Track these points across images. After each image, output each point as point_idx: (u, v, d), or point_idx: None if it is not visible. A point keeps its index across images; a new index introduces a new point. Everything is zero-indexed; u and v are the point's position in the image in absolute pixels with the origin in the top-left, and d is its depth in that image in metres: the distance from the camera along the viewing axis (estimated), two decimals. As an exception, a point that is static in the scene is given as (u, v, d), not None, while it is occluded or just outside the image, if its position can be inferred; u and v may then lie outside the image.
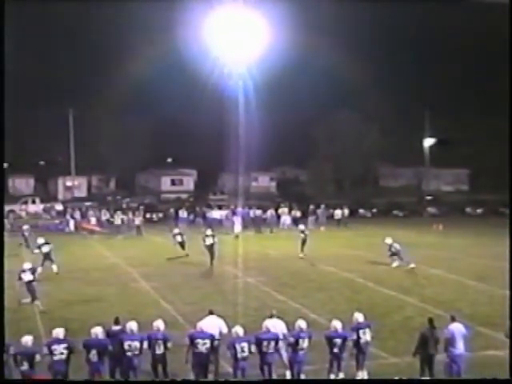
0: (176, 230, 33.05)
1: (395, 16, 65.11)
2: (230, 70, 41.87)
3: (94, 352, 13.48)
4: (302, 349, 13.94)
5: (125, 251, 34.50)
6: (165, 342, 13.97)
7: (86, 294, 23.99)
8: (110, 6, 60.58)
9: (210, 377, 14.34)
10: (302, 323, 14.22)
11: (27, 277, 21.72)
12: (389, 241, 29.81)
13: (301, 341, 13.92)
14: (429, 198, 65.42)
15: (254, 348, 13.74)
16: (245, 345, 13.64)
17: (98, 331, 13.82)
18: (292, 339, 14.02)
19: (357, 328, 14.40)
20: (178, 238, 32.18)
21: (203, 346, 13.91)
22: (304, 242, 32.52)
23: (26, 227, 35.58)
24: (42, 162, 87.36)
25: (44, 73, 70.89)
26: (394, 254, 29.35)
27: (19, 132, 70.04)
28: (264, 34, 41.38)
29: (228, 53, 41.44)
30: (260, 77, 45.09)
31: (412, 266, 28.46)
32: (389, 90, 71.73)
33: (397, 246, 29.40)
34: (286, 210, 48.90)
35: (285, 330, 14.61)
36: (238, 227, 41.17)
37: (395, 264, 29.23)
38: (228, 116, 47.08)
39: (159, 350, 13.93)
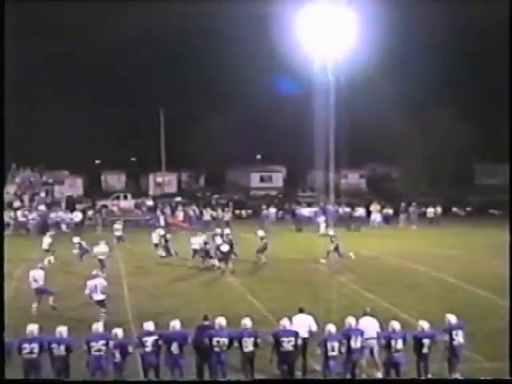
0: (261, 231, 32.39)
1: (488, 12, 63.11)
2: (321, 66, 41.45)
3: (175, 345, 13.66)
4: (397, 350, 13.53)
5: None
6: (254, 339, 13.87)
7: (175, 289, 24.25)
8: (200, 4, 61.00)
9: (298, 375, 14.19)
10: (395, 324, 13.83)
11: (225, 248, 27.18)
12: (331, 232, 29.87)
13: (393, 342, 13.52)
14: (529, 196, 62.55)
15: (344, 348, 13.50)
16: (336, 344, 13.43)
17: (176, 324, 13.97)
18: (383, 341, 13.67)
19: (449, 329, 13.89)
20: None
21: (288, 343, 13.72)
22: (265, 248, 29.95)
23: (160, 231, 32.83)
24: (133, 159, 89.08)
25: (136, 73, 72.18)
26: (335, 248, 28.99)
27: (111, 130, 71.70)
28: (355, 30, 40.81)
29: (318, 48, 41.05)
30: (350, 72, 44.46)
31: (351, 254, 28.95)
32: (487, 85, 69.69)
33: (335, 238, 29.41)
34: (377, 207, 48.02)
35: (378, 329, 14.33)
36: (323, 227, 40.54)
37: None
38: (318, 112, 46.55)
39: (247, 348, 13.82)
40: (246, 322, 14.05)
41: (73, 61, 71.17)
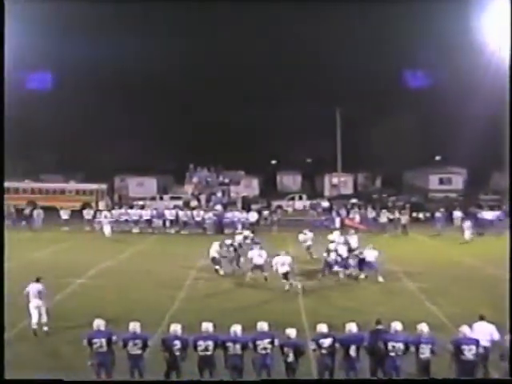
0: None
1: None
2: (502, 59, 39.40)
3: (353, 348, 13.49)
4: None
5: (390, 250, 33.75)
6: (431, 345, 13.39)
7: (349, 291, 24.02)
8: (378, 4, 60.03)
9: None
10: None
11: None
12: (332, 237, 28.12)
13: None
14: None
15: None
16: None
17: (352, 327, 13.83)
18: None
19: None
20: None
21: (469, 352, 13.13)
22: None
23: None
24: (309, 160, 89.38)
25: (313, 72, 72.34)
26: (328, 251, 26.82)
27: (287, 130, 72.29)
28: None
29: (498, 40, 39.10)
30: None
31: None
32: None
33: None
34: None
35: None
36: (468, 233, 38.17)
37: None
38: (502, 108, 44.25)
39: (424, 355, 13.35)
40: (423, 328, 13.51)
41: (252, 60, 72.55)
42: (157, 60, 66.35)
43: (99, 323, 14.10)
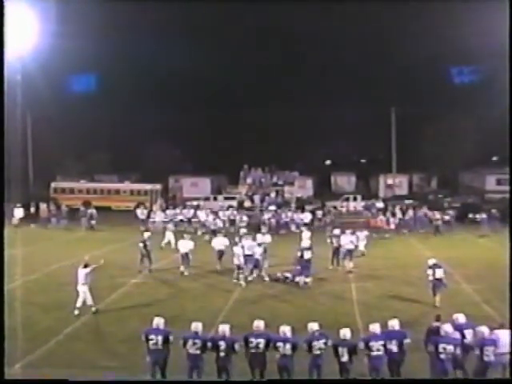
0: None
1: None
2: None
3: (394, 342, 13.62)
4: None
5: (445, 251, 33.23)
6: (494, 348, 13.21)
7: (404, 292, 23.78)
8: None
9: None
10: None
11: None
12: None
13: None
14: None
15: None
16: None
17: (394, 323, 13.99)
18: None
19: None
20: None
21: (489, 352, 13.08)
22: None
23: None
24: (363, 160, 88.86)
25: (366, 72, 71.87)
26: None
27: (341, 131, 72.00)
28: None
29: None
30: None
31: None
32: None
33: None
34: None
35: None
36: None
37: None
38: None
39: (488, 357, 13.16)
40: (483, 330, 13.44)
41: (304, 61, 72.36)
42: (207, 61, 66.80)
43: (159, 321, 14.28)
